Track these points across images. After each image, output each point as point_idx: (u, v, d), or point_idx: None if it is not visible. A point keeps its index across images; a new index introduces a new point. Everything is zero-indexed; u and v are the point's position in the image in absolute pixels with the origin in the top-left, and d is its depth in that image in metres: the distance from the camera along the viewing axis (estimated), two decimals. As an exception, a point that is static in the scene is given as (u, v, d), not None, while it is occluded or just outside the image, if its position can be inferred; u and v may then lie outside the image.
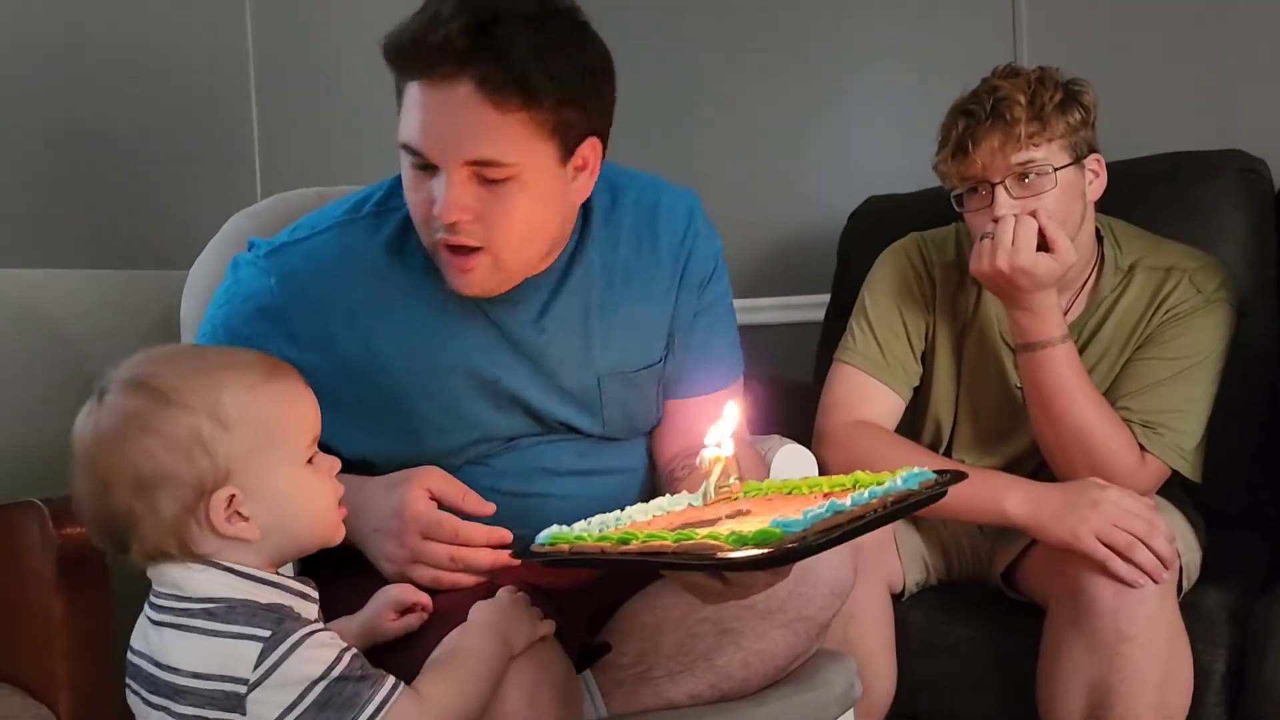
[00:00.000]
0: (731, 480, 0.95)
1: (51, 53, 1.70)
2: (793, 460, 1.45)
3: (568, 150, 1.07)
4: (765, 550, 0.75)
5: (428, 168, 1.04)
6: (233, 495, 0.83)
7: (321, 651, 0.82)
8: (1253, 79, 2.00)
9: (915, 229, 1.69)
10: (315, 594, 0.91)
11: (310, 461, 0.90)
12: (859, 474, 0.96)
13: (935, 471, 0.95)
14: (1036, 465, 1.54)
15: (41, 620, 1.19)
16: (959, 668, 1.54)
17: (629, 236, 1.20)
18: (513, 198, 1.04)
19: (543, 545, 0.91)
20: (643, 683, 1.14)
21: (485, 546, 1.04)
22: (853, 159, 2.37)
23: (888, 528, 1.52)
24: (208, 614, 0.83)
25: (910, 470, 0.92)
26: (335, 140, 2.12)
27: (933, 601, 1.59)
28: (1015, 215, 1.41)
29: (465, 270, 1.08)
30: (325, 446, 1.10)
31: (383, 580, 1.06)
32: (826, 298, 2.10)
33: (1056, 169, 1.43)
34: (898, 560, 1.57)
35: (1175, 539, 1.37)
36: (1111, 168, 1.61)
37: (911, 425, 1.66)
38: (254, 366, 0.89)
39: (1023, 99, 1.41)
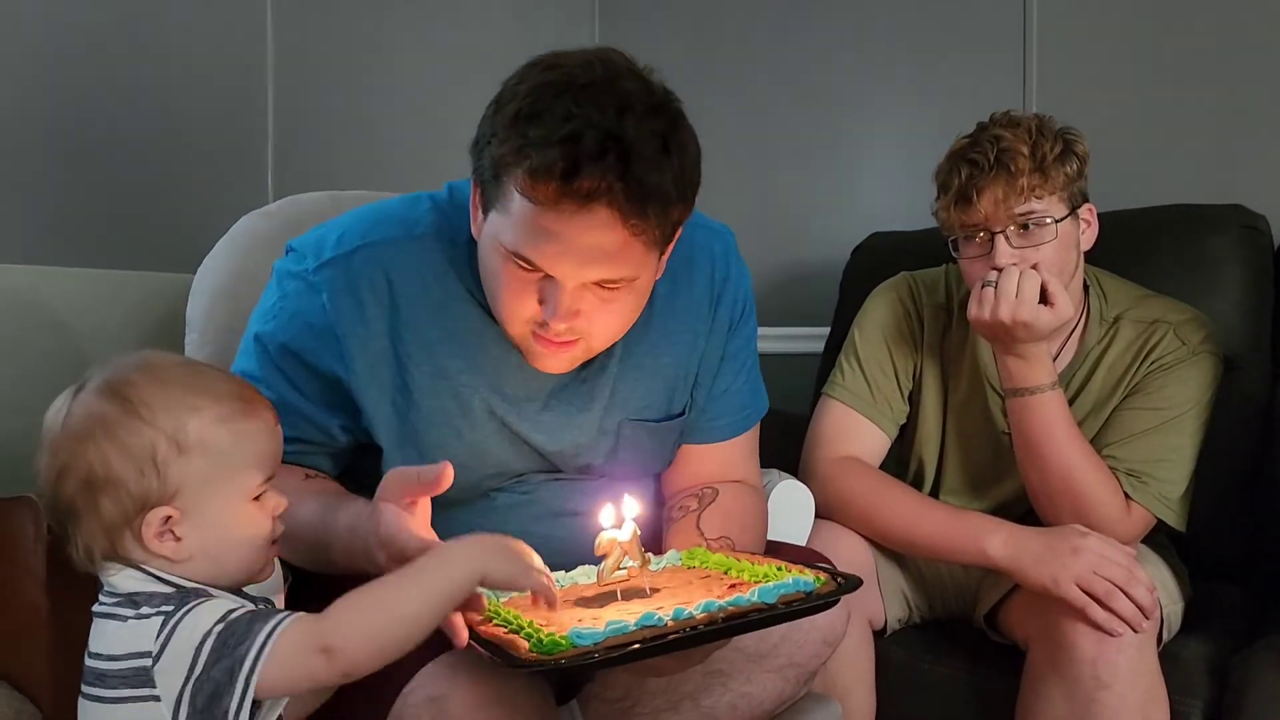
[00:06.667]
0: (628, 564, 0.98)
1: (67, 54, 1.71)
2: (790, 496, 1.47)
3: (668, 244, 1.07)
4: (544, 657, 0.82)
5: (536, 270, 1.02)
6: (169, 515, 0.85)
7: (215, 604, 0.84)
8: (1254, 136, 2.01)
9: (917, 266, 1.70)
10: (261, 605, 0.89)
11: (258, 498, 0.90)
12: (769, 568, 0.97)
13: (836, 575, 0.94)
14: (1025, 510, 1.54)
15: (29, 615, 1.21)
16: (938, 707, 1.54)
17: (665, 275, 1.16)
18: (623, 300, 1.05)
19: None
20: (628, 718, 1.14)
21: None
22: (858, 195, 2.39)
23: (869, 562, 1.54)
24: (131, 603, 0.85)
25: (783, 580, 0.91)
26: (349, 145, 2.13)
27: (914, 639, 1.60)
28: (1018, 267, 1.41)
29: (558, 355, 1.08)
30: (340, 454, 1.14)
31: None
32: (826, 330, 2.11)
33: (1056, 221, 1.44)
34: (879, 596, 1.57)
35: (1156, 588, 1.37)
36: (1114, 217, 1.61)
37: (897, 463, 1.67)
38: (232, 398, 0.89)
39: (1025, 150, 1.41)
